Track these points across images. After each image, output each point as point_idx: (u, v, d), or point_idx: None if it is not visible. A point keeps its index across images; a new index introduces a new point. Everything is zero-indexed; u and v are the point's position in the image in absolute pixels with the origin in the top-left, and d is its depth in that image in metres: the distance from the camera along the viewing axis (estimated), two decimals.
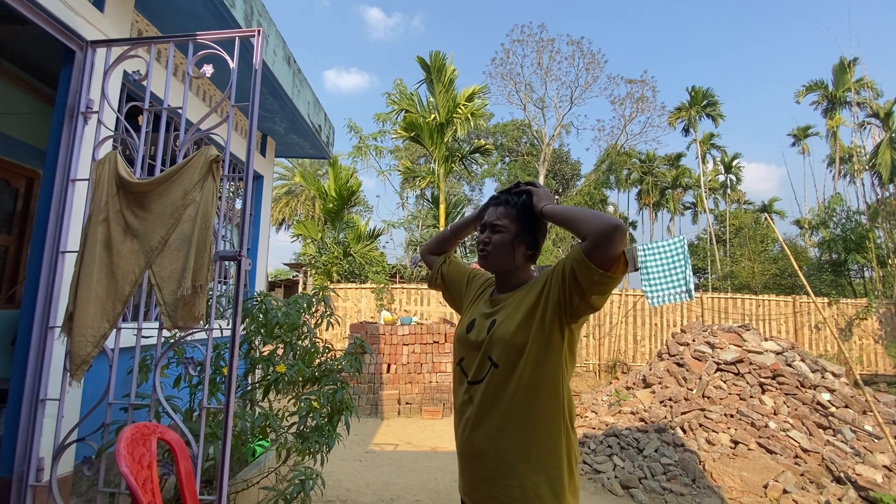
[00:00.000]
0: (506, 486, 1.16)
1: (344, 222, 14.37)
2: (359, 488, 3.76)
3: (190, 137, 2.00)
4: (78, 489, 2.31)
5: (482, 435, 1.22)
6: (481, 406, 1.23)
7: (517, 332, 1.21)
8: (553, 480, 1.15)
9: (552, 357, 1.18)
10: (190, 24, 2.81)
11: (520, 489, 1.15)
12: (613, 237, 1.03)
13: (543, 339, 1.18)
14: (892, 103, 16.33)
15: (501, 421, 1.19)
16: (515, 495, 1.15)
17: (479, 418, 1.24)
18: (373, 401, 6.49)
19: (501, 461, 1.18)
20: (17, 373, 1.98)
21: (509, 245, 1.31)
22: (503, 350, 1.21)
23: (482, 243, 1.36)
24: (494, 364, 1.22)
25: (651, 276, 6.29)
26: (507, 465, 1.17)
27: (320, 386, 2.72)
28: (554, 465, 1.16)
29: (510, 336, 1.21)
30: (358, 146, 22.80)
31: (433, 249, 1.67)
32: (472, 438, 1.24)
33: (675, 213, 26.04)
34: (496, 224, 1.33)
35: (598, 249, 1.06)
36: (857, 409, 4.83)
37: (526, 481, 1.15)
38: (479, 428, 1.23)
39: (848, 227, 14.57)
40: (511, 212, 1.32)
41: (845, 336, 10.64)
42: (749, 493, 3.71)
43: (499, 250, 1.32)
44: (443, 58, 12.18)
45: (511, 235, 1.31)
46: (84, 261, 1.81)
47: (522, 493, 1.14)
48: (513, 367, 1.19)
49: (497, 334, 1.24)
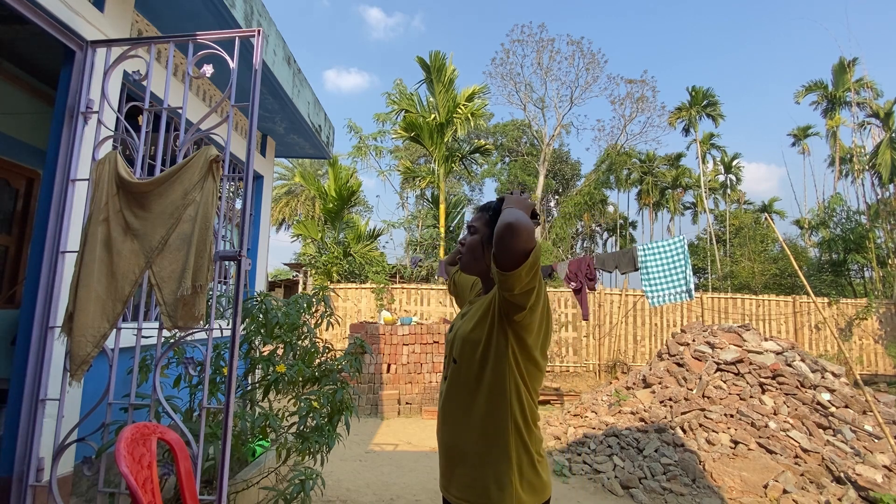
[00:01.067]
0: (460, 475, 1.26)
1: (344, 222, 14.36)
2: (359, 488, 3.76)
3: (190, 137, 2.00)
4: (78, 489, 2.31)
5: (446, 429, 1.33)
6: (446, 401, 1.33)
7: (472, 330, 1.28)
8: (498, 474, 1.20)
9: (498, 355, 1.23)
10: (190, 24, 2.81)
11: (469, 478, 1.24)
12: (502, 235, 1.08)
13: (493, 337, 1.24)
14: (892, 103, 16.33)
15: (458, 414, 1.29)
16: (466, 483, 1.24)
17: (444, 413, 1.34)
18: (373, 401, 6.49)
19: (457, 452, 1.28)
20: (17, 373, 1.98)
21: (479, 246, 1.38)
22: (460, 347, 1.30)
23: (459, 244, 1.46)
24: (454, 360, 1.32)
25: (651, 276, 6.28)
26: (461, 455, 1.27)
27: (320, 386, 2.71)
28: (499, 460, 1.21)
29: (466, 334, 1.30)
30: (358, 146, 22.79)
31: (450, 260, 1.81)
32: (441, 431, 1.36)
33: (675, 213, 26.05)
34: (471, 226, 1.42)
35: (495, 247, 1.10)
36: (857, 409, 4.83)
37: (475, 471, 1.23)
38: (444, 423, 1.34)
39: (848, 227, 14.57)
40: (484, 215, 1.40)
41: (845, 336, 10.64)
42: (749, 493, 3.71)
43: (469, 251, 1.40)
44: (443, 58, 12.18)
45: (480, 237, 1.39)
46: (84, 261, 1.81)
47: (471, 482, 1.23)
48: (468, 363, 1.28)
49: (458, 332, 1.33)
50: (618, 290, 10.56)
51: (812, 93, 19.83)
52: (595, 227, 28.25)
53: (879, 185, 16.19)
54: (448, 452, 1.32)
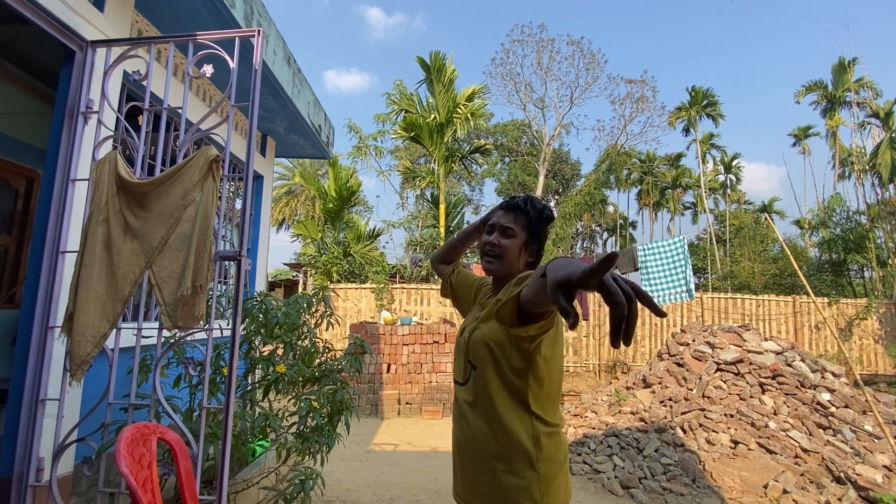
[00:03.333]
0: (479, 483, 1.22)
1: (344, 222, 14.36)
2: (359, 488, 3.76)
3: (190, 137, 2.00)
4: (78, 489, 2.31)
5: (465, 434, 1.28)
6: (465, 406, 1.28)
7: (485, 334, 1.23)
8: (526, 483, 1.16)
9: (514, 357, 1.19)
10: (190, 24, 2.80)
11: (489, 486, 1.19)
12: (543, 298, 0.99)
13: (509, 340, 1.18)
14: (892, 103, 16.33)
15: (478, 420, 1.23)
16: (483, 491, 1.20)
17: (462, 417, 1.29)
18: (373, 401, 6.49)
19: (477, 457, 1.23)
20: (17, 373, 1.98)
21: (517, 250, 1.33)
22: (475, 352, 1.25)
23: (489, 245, 1.36)
24: (473, 366, 1.26)
25: (651, 276, 6.29)
26: (481, 461, 1.22)
27: (320, 386, 2.71)
28: (524, 468, 1.17)
29: (480, 338, 1.24)
30: (358, 146, 22.79)
31: (442, 258, 1.70)
32: (458, 437, 1.31)
33: (675, 213, 26.05)
34: (508, 227, 1.34)
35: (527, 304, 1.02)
36: (857, 409, 4.83)
37: (495, 480, 1.18)
38: (462, 427, 1.29)
39: (848, 228, 14.57)
40: (522, 219, 1.34)
41: (845, 336, 10.63)
42: (749, 493, 3.71)
43: (507, 253, 1.33)
44: (443, 58, 12.18)
45: (521, 241, 1.34)
46: (84, 261, 1.81)
47: (492, 490, 1.19)
48: (484, 368, 1.23)
49: (473, 337, 1.27)
50: None
51: (812, 93, 19.84)
52: (595, 228, 28.26)
53: (879, 185, 16.19)
54: (464, 458, 1.27)
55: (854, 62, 17.79)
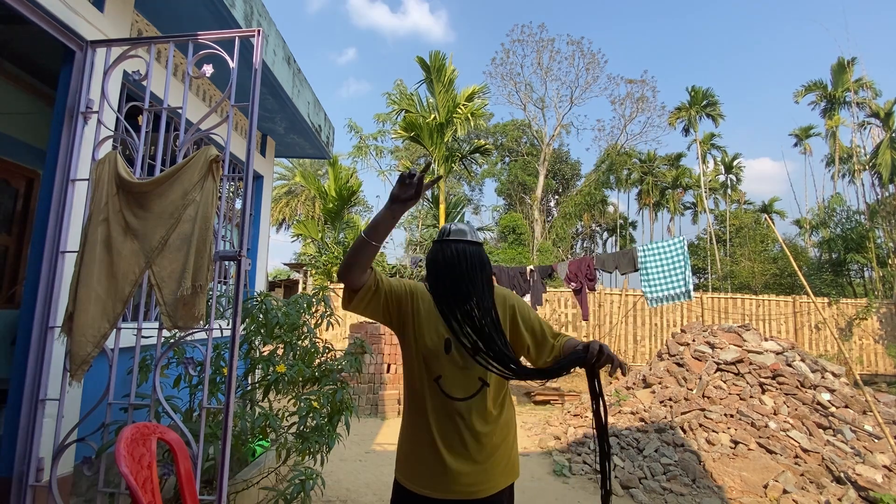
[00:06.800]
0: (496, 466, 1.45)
1: (344, 222, 14.36)
2: (359, 488, 3.76)
3: (190, 137, 2.00)
4: (78, 489, 2.30)
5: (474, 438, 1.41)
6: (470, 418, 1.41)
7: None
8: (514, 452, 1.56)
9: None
10: (190, 24, 2.80)
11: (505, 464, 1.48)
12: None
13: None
14: (892, 103, 16.33)
15: (492, 425, 1.43)
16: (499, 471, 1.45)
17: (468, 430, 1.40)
18: (373, 401, 6.48)
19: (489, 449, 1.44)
20: (17, 373, 1.98)
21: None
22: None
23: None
24: (485, 383, 1.42)
25: (650, 276, 6.29)
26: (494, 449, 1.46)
27: (320, 386, 2.71)
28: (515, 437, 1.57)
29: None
30: (358, 146, 22.81)
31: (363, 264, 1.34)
32: (453, 445, 1.40)
33: (675, 213, 26.06)
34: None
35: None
36: (857, 409, 4.83)
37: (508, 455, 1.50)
38: (481, 440, 1.41)
39: (848, 227, 14.57)
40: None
41: (845, 336, 10.64)
42: (749, 493, 3.71)
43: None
44: (442, 58, 12.17)
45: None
46: (84, 261, 1.81)
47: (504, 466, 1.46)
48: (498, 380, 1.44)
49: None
50: (618, 291, 10.56)
51: (811, 92, 19.85)
52: (595, 228, 28.26)
53: (879, 185, 16.20)
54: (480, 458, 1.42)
55: (853, 62, 17.80)
